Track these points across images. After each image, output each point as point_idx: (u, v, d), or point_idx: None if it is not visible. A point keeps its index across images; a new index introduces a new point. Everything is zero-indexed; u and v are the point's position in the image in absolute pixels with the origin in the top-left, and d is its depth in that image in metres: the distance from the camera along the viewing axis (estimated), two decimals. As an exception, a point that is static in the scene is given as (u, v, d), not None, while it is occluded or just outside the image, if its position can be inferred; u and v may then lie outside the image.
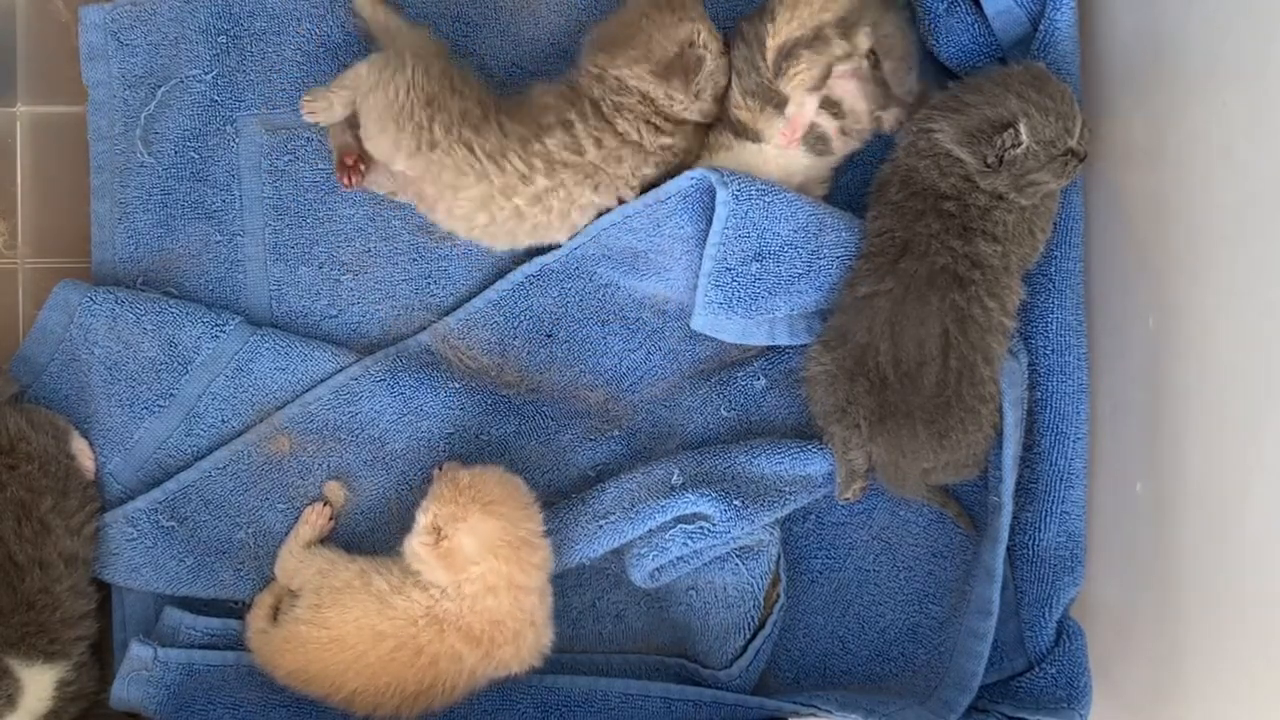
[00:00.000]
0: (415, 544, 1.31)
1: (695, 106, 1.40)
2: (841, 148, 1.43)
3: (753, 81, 1.39)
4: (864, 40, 1.38)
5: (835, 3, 1.37)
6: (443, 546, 1.29)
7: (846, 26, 1.38)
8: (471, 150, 1.36)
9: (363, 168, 1.44)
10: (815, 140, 1.41)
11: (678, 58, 1.37)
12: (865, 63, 1.40)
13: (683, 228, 1.39)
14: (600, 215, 1.42)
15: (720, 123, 1.43)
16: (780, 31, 1.38)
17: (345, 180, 1.45)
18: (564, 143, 1.37)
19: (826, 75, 1.38)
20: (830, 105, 1.40)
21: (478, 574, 1.29)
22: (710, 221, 1.36)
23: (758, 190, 1.34)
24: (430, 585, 1.31)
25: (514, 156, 1.37)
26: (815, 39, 1.37)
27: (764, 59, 1.38)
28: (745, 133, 1.41)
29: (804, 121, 1.39)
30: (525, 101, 1.42)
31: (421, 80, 1.37)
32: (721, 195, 1.33)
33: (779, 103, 1.39)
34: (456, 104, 1.38)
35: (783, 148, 1.40)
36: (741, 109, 1.40)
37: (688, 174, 1.37)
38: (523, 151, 1.37)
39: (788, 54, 1.37)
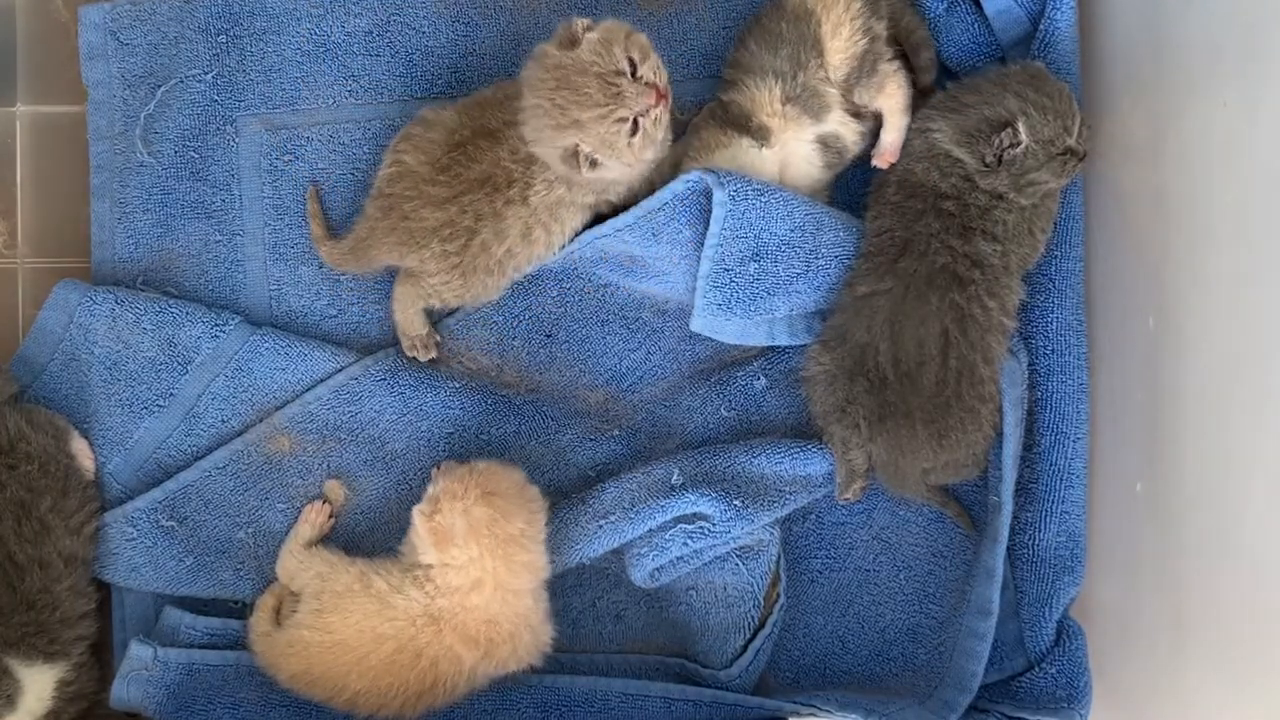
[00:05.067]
0: (415, 509, 1.32)
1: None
2: (850, 157, 1.41)
3: (798, 87, 1.35)
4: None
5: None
6: (435, 520, 1.30)
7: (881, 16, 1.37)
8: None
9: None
10: (836, 154, 1.39)
11: (570, 156, 1.30)
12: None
13: (680, 232, 1.38)
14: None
15: (715, 120, 1.40)
16: (840, 36, 1.34)
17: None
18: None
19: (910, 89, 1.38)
20: (854, 113, 1.38)
21: (461, 561, 1.29)
22: (707, 223, 1.35)
23: (754, 190, 1.33)
24: (425, 581, 1.31)
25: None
26: (874, 43, 1.35)
27: (823, 66, 1.35)
28: (754, 133, 1.37)
29: (898, 146, 1.38)
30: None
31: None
32: (718, 196, 1.32)
33: (819, 111, 1.36)
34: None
35: (883, 166, 1.38)
36: (774, 115, 1.36)
37: (683, 177, 1.34)
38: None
39: (870, 68, 1.35)
